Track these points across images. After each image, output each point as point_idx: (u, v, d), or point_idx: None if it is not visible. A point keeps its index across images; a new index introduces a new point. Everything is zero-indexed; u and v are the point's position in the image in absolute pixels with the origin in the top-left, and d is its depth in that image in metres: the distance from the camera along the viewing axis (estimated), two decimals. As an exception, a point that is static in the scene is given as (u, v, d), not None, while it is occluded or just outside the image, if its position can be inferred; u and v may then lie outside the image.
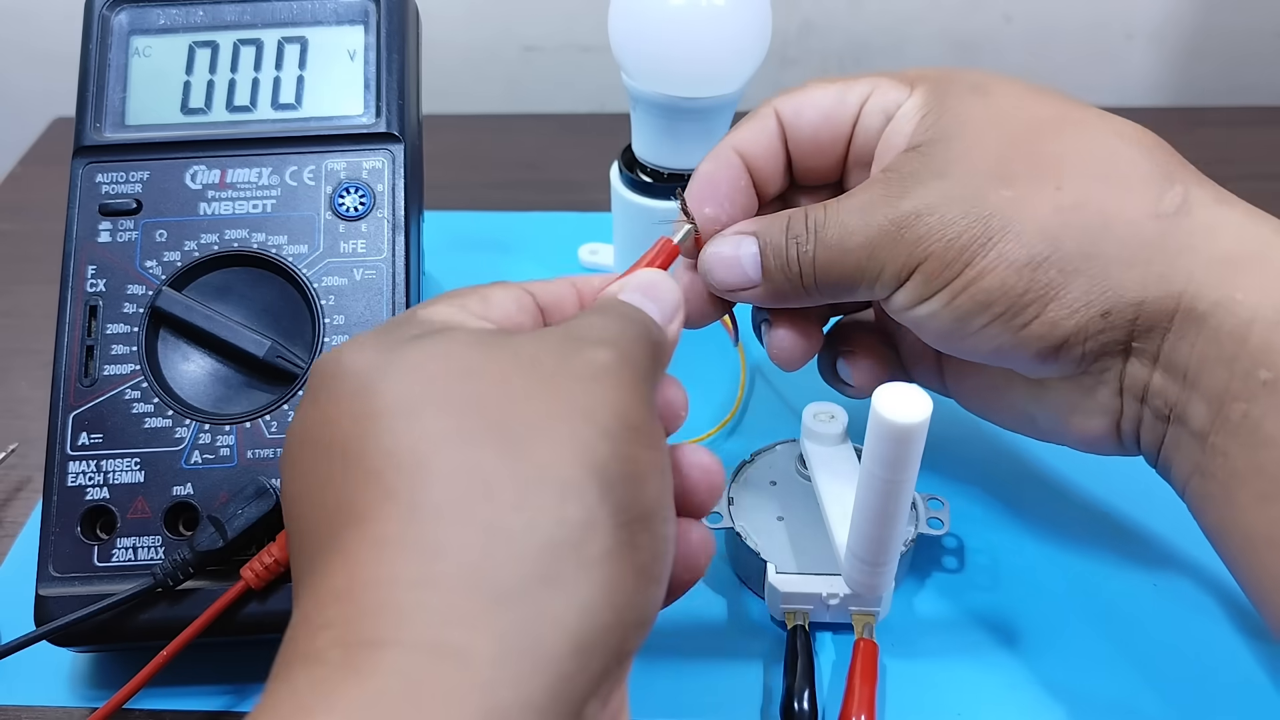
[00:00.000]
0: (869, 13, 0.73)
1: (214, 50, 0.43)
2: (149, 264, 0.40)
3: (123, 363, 0.39)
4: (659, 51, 0.43)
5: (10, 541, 0.44)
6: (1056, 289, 0.31)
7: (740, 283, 0.34)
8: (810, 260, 0.33)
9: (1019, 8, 0.73)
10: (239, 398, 0.39)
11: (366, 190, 0.41)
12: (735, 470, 0.42)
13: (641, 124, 0.47)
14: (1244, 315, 0.30)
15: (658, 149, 0.47)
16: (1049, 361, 0.32)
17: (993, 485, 0.45)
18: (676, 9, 0.42)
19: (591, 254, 0.57)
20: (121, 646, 0.38)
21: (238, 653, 0.39)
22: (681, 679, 0.38)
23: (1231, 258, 0.30)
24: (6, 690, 0.38)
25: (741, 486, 0.42)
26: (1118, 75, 0.76)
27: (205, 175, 0.41)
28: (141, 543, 0.37)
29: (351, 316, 0.40)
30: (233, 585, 0.36)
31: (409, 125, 0.42)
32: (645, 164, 0.48)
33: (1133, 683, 0.38)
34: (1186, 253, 0.31)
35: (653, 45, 0.43)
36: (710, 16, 0.42)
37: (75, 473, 0.38)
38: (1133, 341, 0.32)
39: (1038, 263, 0.31)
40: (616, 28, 0.44)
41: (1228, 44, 0.75)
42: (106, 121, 0.42)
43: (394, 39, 0.43)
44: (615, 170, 0.50)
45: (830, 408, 0.40)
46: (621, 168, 0.49)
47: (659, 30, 0.43)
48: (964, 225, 0.31)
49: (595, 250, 0.57)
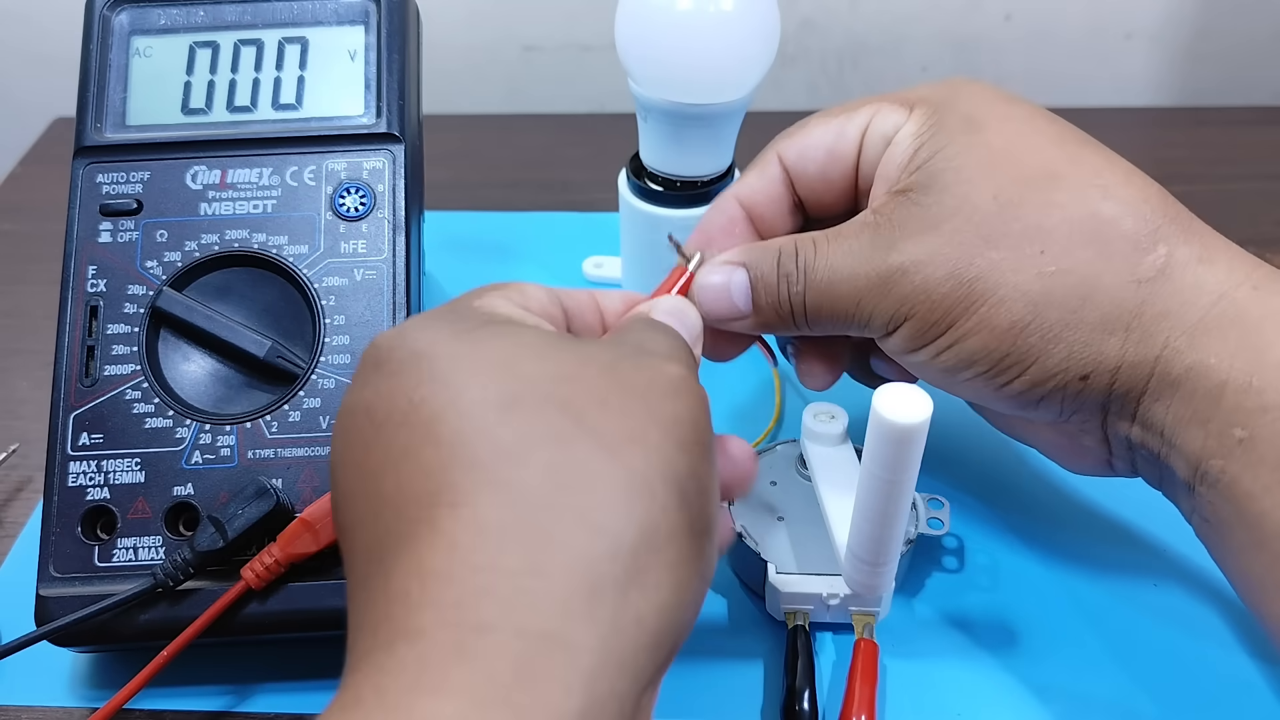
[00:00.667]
0: (869, 11, 0.73)
1: (214, 50, 0.43)
2: (149, 264, 0.40)
3: (123, 363, 0.39)
4: (666, 58, 0.43)
5: (10, 541, 0.44)
6: (1037, 354, 0.31)
7: (730, 314, 0.35)
8: (800, 300, 0.34)
9: (1019, 7, 0.73)
10: (239, 398, 0.40)
11: (367, 190, 0.41)
12: None
13: (649, 132, 0.46)
14: (1217, 379, 0.30)
15: (666, 156, 0.47)
16: (1029, 411, 0.33)
17: (993, 485, 0.45)
18: (684, 15, 0.42)
19: (596, 267, 0.56)
20: (122, 647, 0.38)
21: (238, 653, 0.39)
22: (682, 679, 0.38)
23: (1207, 322, 0.31)
24: (6, 690, 0.38)
25: None
26: (1118, 75, 0.76)
27: (206, 175, 0.41)
28: (142, 543, 0.37)
29: (352, 316, 0.40)
30: (233, 585, 0.36)
31: (409, 125, 0.42)
32: (654, 172, 0.47)
33: (1132, 683, 0.38)
34: (1164, 318, 0.31)
35: (660, 51, 0.43)
36: (718, 22, 0.42)
37: (76, 473, 0.38)
38: (1111, 400, 0.32)
39: (1020, 328, 0.31)
40: (624, 33, 0.44)
41: (1228, 44, 0.75)
42: (107, 122, 0.42)
43: (394, 39, 0.43)
44: (623, 178, 0.49)
45: (830, 408, 0.40)
46: (630, 175, 0.49)
47: (666, 36, 0.42)
48: (949, 288, 0.32)
49: (600, 264, 0.56)
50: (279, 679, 0.39)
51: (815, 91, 0.76)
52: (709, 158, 0.47)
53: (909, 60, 0.75)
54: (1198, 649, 0.39)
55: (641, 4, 0.43)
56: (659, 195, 0.47)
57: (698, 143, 0.46)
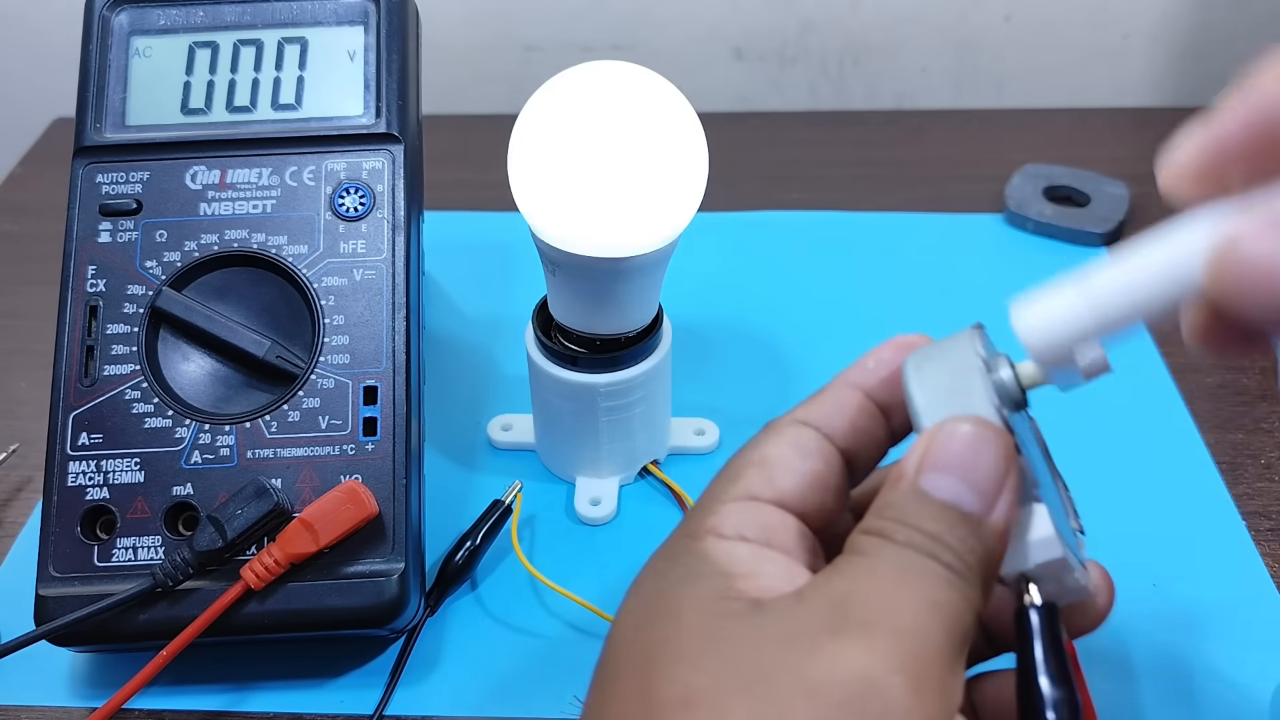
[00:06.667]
0: (869, 11, 0.73)
1: (214, 51, 0.43)
2: (149, 264, 0.40)
3: (123, 363, 0.39)
4: (580, 205, 0.36)
5: (10, 541, 0.44)
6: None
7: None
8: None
9: (1019, 7, 0.73)
10: (239, 398, 0.40)
11: (366, 190, 0.41)
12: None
13: (561, 288, 0.39)
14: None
15: (583, 316, 0.40)
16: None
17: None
18: (595, 150, 0.35)
19: (504, 430, 0.47)
20: (121, 646, 0.38)
21: (237, 652, 0.39)
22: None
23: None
24: (6, 690, 0.38)
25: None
26: (1117, 75, 0.76)
27: (205, 175, 0.41)
28: (141, 543, 0.37)
29: (351, 316, 0.40)
30: (233, 585, 0.36)
31: (409, 125, 0.42)
32: (569, 330, 0.41)
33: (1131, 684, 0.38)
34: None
35: (571, 198, 0.36)
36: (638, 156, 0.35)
37: (75, 473, 0.38)
38: None
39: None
40: (521, 175, 0.37)
41: (1227, 44, 0.75)
42: (107, 122, 0.42)
43: (394, 39, 0.43)
44: (530, 336, 0.42)
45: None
46: (537, 332, 0.42)
47: (578, 179, 0.35)
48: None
49: (508, 425, 0.47)
50: (279, 679, 0.39)
51: (815, 91, 0.76)
52: (637, 310, 0.40)
53: (909, 60, 0.75)
54: (1198, 649, 0.39)
55: (541, 136, 0.36)
56: (576, 358, 0.41)
57: (623, 296, 0.39)
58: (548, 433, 0.45)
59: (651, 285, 0.40)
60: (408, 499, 0.38)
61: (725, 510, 0.26)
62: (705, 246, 0.56)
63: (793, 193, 0.63)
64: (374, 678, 0.39)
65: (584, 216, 0.36)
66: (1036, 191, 0.61)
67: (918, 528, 0.23)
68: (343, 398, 0.39)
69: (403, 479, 0.38)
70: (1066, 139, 0.68)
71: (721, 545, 0.25)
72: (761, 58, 0.75)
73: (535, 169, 0.36)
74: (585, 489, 0.45)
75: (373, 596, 0.36)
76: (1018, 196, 0.60)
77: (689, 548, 0.26)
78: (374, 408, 0.39)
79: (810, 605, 0.23)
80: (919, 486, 0.24)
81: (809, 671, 0.21)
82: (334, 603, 0.36)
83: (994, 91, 0.77)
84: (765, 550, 0.25)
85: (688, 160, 0.37)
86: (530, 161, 0.37)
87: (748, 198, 0.62)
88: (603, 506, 0.44)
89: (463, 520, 0.42)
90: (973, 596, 0.23)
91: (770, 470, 0.26)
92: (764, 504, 0.26)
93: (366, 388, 0.39)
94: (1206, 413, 0.48)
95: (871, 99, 0.76)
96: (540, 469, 0.47)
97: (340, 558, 0.37)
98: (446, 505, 0.44)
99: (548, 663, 0.39)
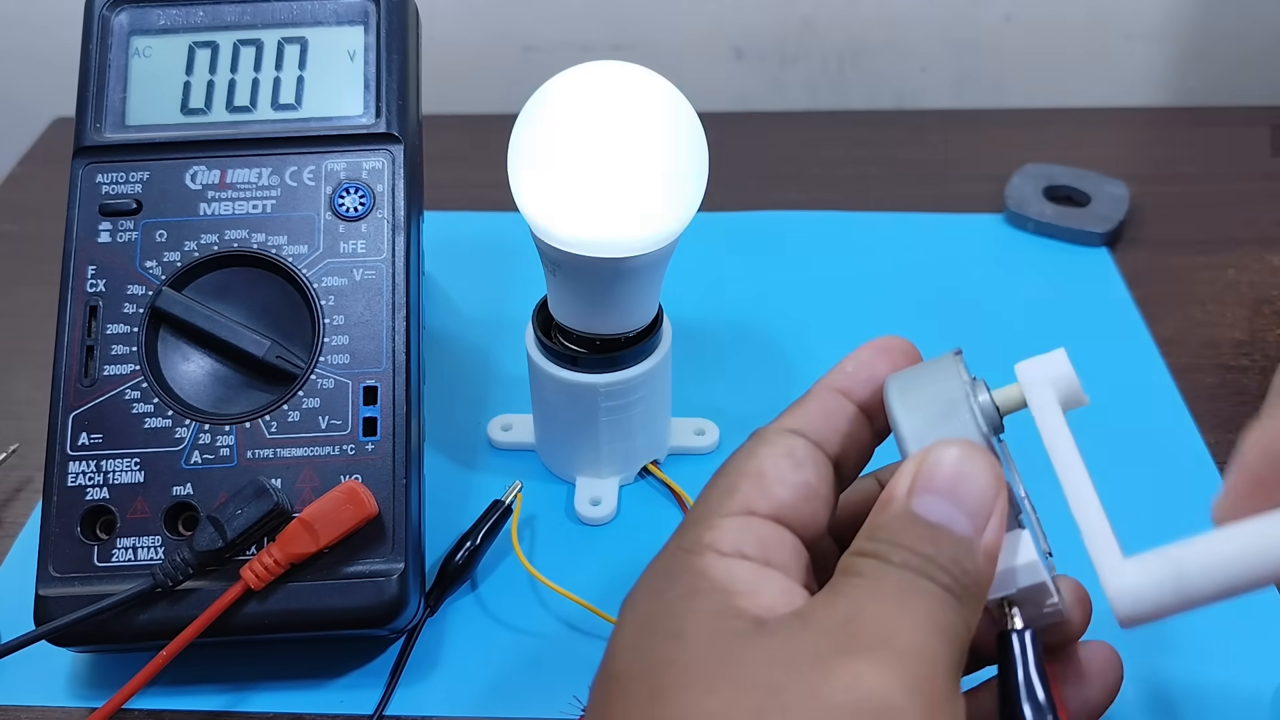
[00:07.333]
0: (869, 11, 0.73)
1: (214, 51, 0.43)
2: (149, 264, 0.40)
3: (123, 363, 0.39)
4: (582, 204, 0.35)
5: (10, 541, 0.44)
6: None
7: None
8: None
9: (1019, 7, 0.73)
10: (239, 398, 0.40)
11: (366, 190, 0.41)
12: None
13: (561, 287, 0.39)
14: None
15: (584, 316, 0.40)
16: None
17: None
18: (601, 150, 0.35)
19: (504, 430, 0.47)
20: (121, 646, 0.38)
21: (237, 652, 0.39)
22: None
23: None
24: (6, 690, 0.38)
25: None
26: (1118, 75, 0.76)
27: (205, 175, 0.41)
28: (141, 543, 0.37)
29: (351, 316, 0.40)
30: (233, 585, 0.36)
31: (409, 125, 0.42)
32: (569, 330, 0.41)
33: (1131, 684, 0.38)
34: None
35: (573, 196, 0.36)
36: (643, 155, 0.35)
37: (75, 473, 0.38)
38: None
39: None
40: (520, 174, 0.37)
41: (1228, 44, 0.75)
42: (106, 122, 0.42)
43: (394, 39, 0.43)
44: (530, 336, 0.42)
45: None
46: (537, 333, 0.42)
47: (580, 178, 0.35)
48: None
49: (509, 425, 0.47)
50: (278, 679, 0.39)
51: (815, 91, 0.76)
52: (637, 310, 0.40)
53: (909, 60, 0.75)
54: (1197, 650, 0.39)
55: (541, 136, 0.36)
56: (576, 358, 0.41)
57: (623, 296, 0.38)
58: (548, 433, 0.45)
59: (651, 285, 0.40)
60: (408, 499, 0.38)
61: (723, 525, 0.26)
62: (705, 246, 0.56)
63: (793, 193, 0.63)
64: (374, 678, 0.39)
65: (584, 217, 0.36)
66: (1036, 191, 0.61)
67: (912, 549, 0.24)
68: (343, 398, 0.39)
69: (403, 479, 0.38)
70: (1066, 139, 0.68)
71: (720, 563, 0.25)
72: (761, 57, 0.75)
73: (535, 169, 0.36)
74: (585, 489, 0.45)
75: (373, 596, 0.36)
76: (1018, 196, 0.61)
77: (688, 564, 0.25)
78: (374, 408, 0.39)
79: (815, 626, 0.23)
80: (910, 509, 0.24)
81: (824, 693, 0.21)
82: (334, 603, 0.36)
83: (994, 91, 0.77)
84: (764, 569, 0.25)
85: (688, 160, 0.37)
86: (530, 161, 0.37)
87: (748, 198, 0.62)
88: (603, 506, 0.44)
89: (463, 520, 0.42)
90: (969, 617, 0.24)
91: (766, 483, 0.26)
92: (761, 519, 0.26)
93: (366, 388, 0.39)
94: (1206, 413, 0.48)
95: (871, 99, 0.76)
96: (540, 469, 0.47)
97: (340, 558, 0.37)
98: (446, 505, 0.44)
99: (547, 663, 0.39)
